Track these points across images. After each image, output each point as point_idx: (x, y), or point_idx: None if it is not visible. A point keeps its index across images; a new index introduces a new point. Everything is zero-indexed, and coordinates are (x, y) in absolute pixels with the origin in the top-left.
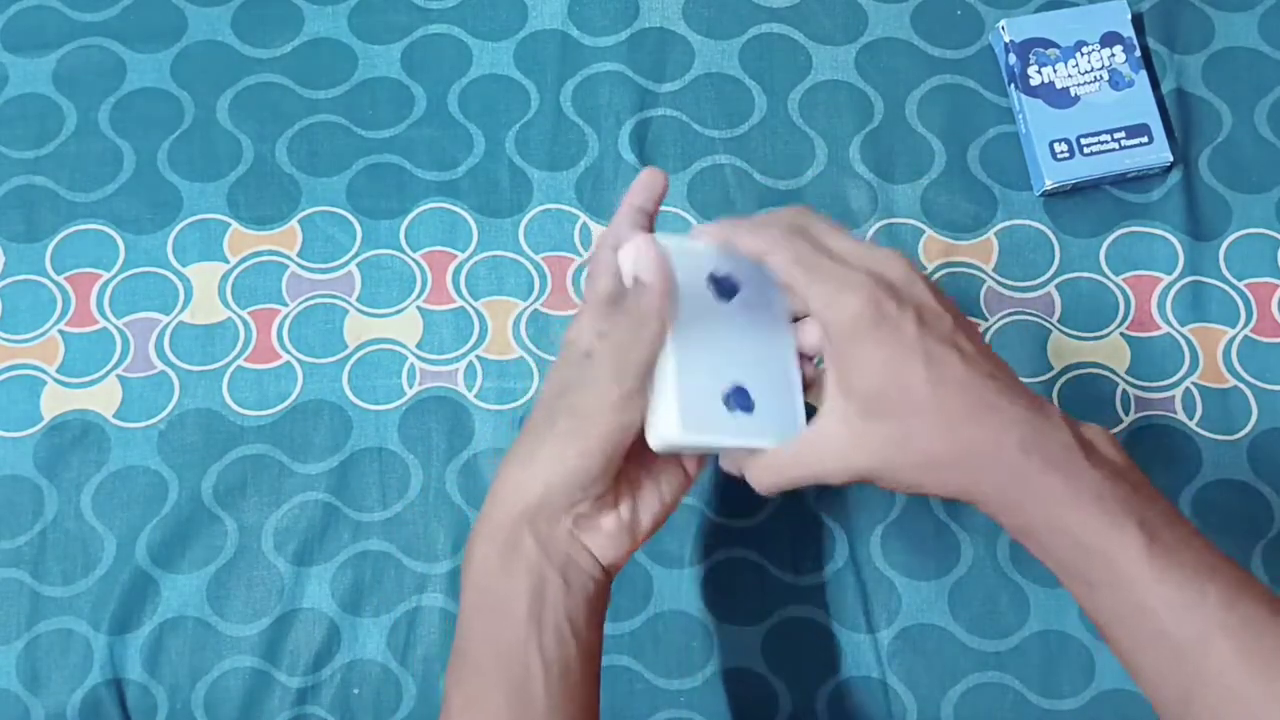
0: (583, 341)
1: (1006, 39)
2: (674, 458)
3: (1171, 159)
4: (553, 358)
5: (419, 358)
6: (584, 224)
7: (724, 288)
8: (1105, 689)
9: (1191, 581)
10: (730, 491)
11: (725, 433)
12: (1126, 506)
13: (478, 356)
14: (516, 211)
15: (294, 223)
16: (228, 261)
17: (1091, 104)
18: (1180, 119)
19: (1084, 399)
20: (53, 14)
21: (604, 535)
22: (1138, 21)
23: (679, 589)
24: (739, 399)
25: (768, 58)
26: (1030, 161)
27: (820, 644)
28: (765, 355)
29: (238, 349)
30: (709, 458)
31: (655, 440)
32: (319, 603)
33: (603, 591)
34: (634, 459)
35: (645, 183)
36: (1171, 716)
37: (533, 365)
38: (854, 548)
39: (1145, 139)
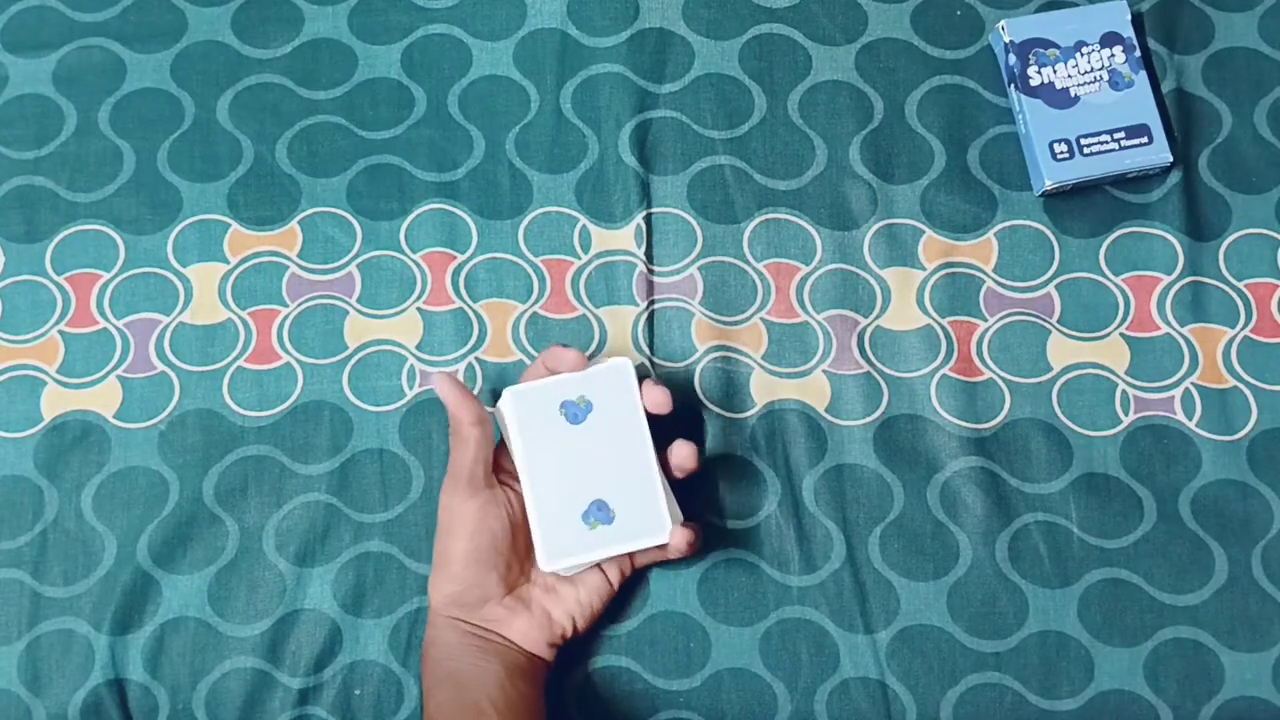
0: None
1: (1006, 39)
2: (596, 566)
3: (1171, 159)
4: None
5: (419, 359)
6: (584, 226)
7: (575, 412)
8: (1104, 689)
9: None
10: (728, 493)
11: (591, 549)
12: None
13: (477, 358)
14: (516, 213)
15: (294, 223)
16: (228, 262)
17: (1091, 104)
18: (1180, 119)
19: (1084, 399)
20: (53, 14)
21: (519, 632)
22: (1138, 21)
23: (677, 589)
24: (599, 513)
25: (768, 58)
26: (1030, 162)
27: (819, 644)
28: (624, 464)
29: (238, 350)
30: (629, 570)
31: (543, 570)
32: (320, 604)
33: (532, 667)
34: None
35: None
36: None
37: None
38: (852, 548)
39: (1145, 139)
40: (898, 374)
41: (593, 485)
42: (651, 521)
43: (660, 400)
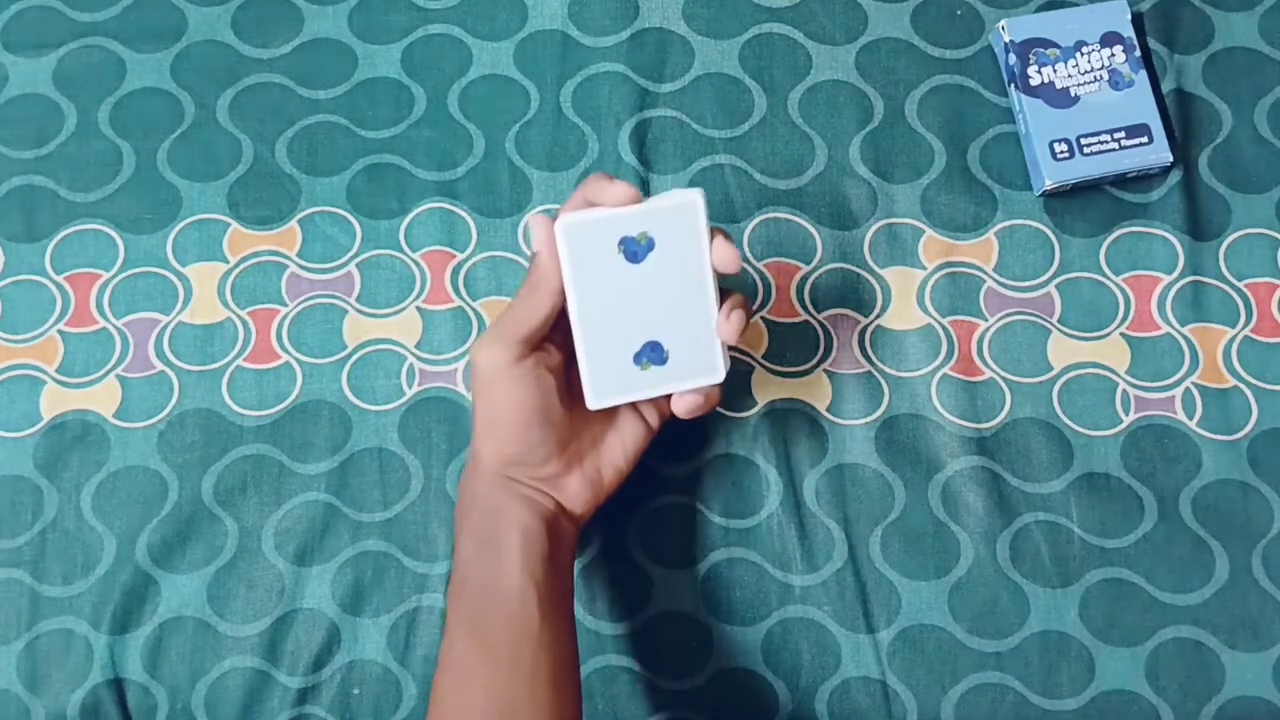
0: None
1: (1006, 39)
2: (633, 411)
3: (1171, 159)
4: None
5: (418, 358)
6: None
7: (635, 250)
8: (1105, 689)
9: None
10: (729, 493)
11: (639, 389)
12: None
13: None
14: (516, 212)
15: (294, 223)
16: (227, 261)
17: (1091, 104)
18: (1180, 119)
19: (1084, 399)
20: (53, 14)
21: (571, 492)
22: (1138, 21)
23: (679, 589)
24: (651, 354)
25: (768, 58)
26: (1030, 161)
27: (820, 644)
28: (682, 305)
29: (237, 349)
30: (667, 410)
31: (589, 406)
32: (319, 603)
33: (573, 538)
34: (597, 418)
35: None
36: None
37: None
38: (853, 548)
39: (1145, 139)
40: (898, 373)
41: (647, 326)
42: (706, 363)
43: (728, 259)
